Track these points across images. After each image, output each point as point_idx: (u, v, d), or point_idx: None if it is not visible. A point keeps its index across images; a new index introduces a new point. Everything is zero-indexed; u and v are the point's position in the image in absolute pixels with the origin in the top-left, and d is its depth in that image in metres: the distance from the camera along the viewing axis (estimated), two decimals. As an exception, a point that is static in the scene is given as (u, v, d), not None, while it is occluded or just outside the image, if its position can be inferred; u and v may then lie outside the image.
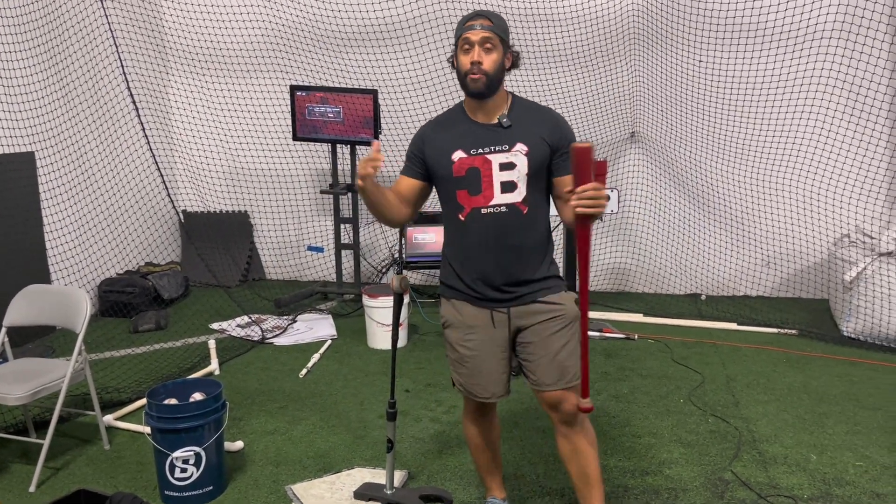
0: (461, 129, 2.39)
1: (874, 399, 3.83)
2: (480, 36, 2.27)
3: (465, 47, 2.29)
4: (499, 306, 2.39)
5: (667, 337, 4.84)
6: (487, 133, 2.35)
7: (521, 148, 2.32)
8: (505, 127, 2.34)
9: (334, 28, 5.84)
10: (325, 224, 6.30)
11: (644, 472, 3.10)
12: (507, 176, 2.32)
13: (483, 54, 2.27)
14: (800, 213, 5.60)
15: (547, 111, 2.43)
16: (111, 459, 3.24)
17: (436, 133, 2.44)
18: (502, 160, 2.33)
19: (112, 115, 5.54)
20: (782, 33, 5.29)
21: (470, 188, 2.35)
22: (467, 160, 2.34)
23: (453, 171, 2.36)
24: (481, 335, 2.42)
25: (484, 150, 2.34)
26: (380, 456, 3.24)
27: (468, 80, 2.30)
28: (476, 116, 2.39)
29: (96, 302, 5.41)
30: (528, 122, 2.36)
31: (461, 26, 2.33)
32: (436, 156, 2.40)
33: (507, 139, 2.33)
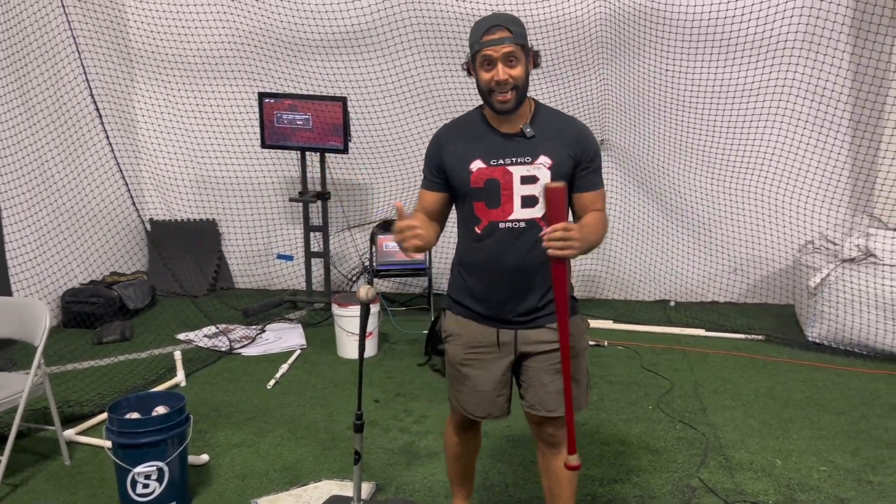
0: (480, 136, 2.25)
1: (838, 404, 3.89)
2: (503, 52, 2.11)
3: (486, 63, 2.13)
4: (506, 326, 2.29)
5: (636, 343, 4.87)
6: (509, 143, 2.21)
7: (544, 161, 2.19)
8: (528, 137, 2.20)
9: (303, 35, 5.81)
10: (295, 232, 6.24)
11: (613, 480, 3.11)
12: (528, 190, 2.19)
13: (508, 69, 2.12)
14: (766, 220, 5.68)
15: (572, 122, 2.30)
16: (71, 475, 3.17)
17: (453, 139, 2.28)
18: (524, 173, 2.19)
19: (74, 121, 5.44)
20: (747, 43, 5.37)
21: (488, 201, 2.21)
22: (486, 171, 2.20)
23: (471, 182, 2.21)
24: (484, 355, 2.32)
25: (505, 162, 2.20)
26: (348, 468, 3.21)
27: (495, 102, 2.15)
28: (497, 124, 2.24)
29: (59, 313, 5.30)
30: (552, 133, 2.22)
31: (478, 38, 2.15)
32: (452, 163, 2.25)
33: (530, 151, 2.20)
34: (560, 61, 5.65)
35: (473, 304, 2.31)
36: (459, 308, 2.36)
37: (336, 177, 6.01)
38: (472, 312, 2.32)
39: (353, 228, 6.16)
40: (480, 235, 2.24)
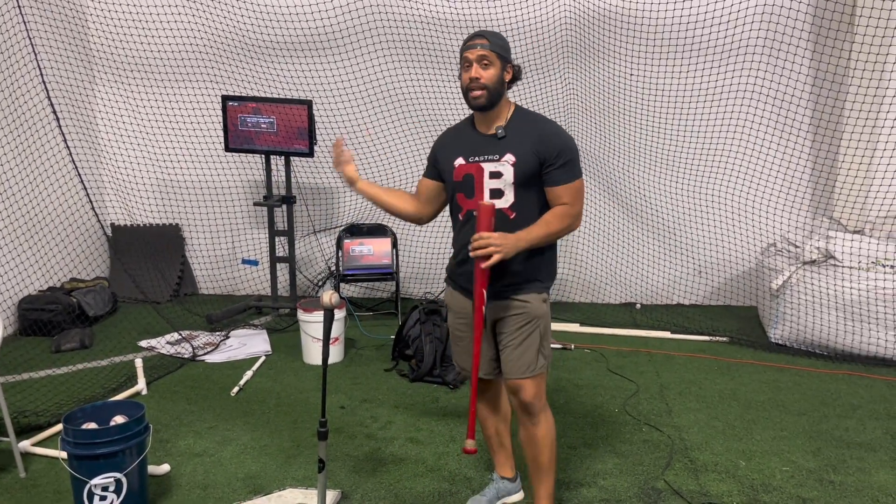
0: (465, 138, 2.64)
1: (799, 405, 3.94)
2: (477, 54, 2.48)
3: (466, 65, 2.52)
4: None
5: (603, 346, 4.89)
6: (484, 142, 2.58)
7: (508, 158, 2.52)
8: (499, 138, 2.55)
9: (267, 37, 5.74)
10: (260, 237, 6.17)
11: (579, 483, 3.10)
12: (494, 184, 2.54)
13: (480, 70, 2.48)
14: (729, 223, 5.75)
15: (540, 123, 2.59)
16: (26, 488, 3.07)
17: (447, 140, 2.71)
18: (492, 168, 2.54)
19: (31, 125, 5.30)
20: (709, 48, 5.44)
21: (466, 192, 2.59)
22: (465, 167, 2.58)
23: (454, 176, 2.61)
24: (467, 321, 2.69)
25: (478, 159, 2.57)
26: (312, 476, 3.16)
27: (470, 97, 2.52)
28: (479, 126, 2.62)
29: (15, 321, 5.16)
30: (521, 133, 2.54)
31: (462, 46, 2.55)
32: (443, 160, 2.66)
33: (499, 149, 2.54)
34: (524, 65, 5.66)
35: (457, 279, 2.71)
36: (450, 282, 2.77)
37: (301, 180, 5.95)
38: (457, 286, 2.72)
39: (319, 233, 6.11)
40: (462, 222, 2.64)
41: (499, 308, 2.60)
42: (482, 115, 2.57)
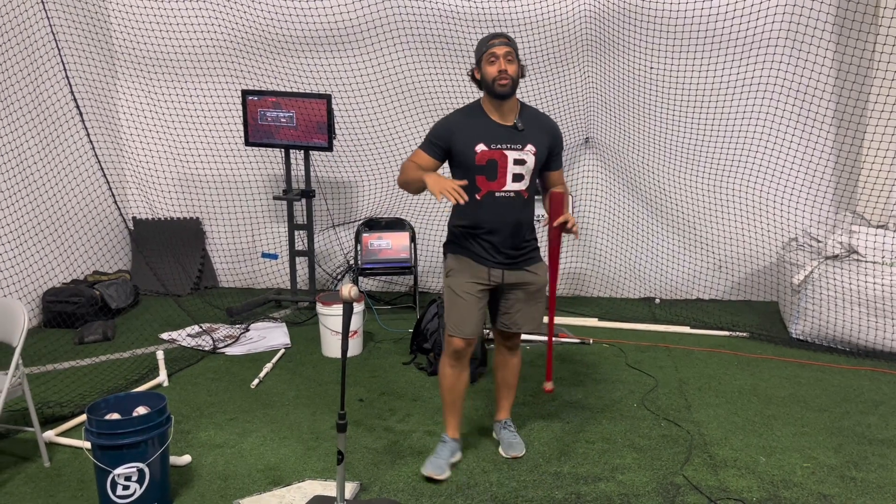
0: (482, 125, 2.97)
1: (821, 401, 3.91)
2: (504, 50, 2.89)
3: (492, 59, 2.89)
4: (496, 266, 3.05)
5: (621, 341, 4.87)
6: (505, 132, 2.97)
7: (531, 148, 2.98)
8: (519, 130, 2.97)
9: (287, 32, 5.77)
10: (279, 230, 6.20)
11: (597, 478, 3.10)
12: (518, 169, 2.97)
13: (507, 64, 2.88)
14: (750, 218, 5.70)
15: (548, 119, 3.12)
16: (51, 477, 3.13)
17: (463, 125, 2.98)
18: (516, 156, 2.96)
19: (55, 119, 5.37)
20: (731, 40, 5.39)
21: (488, 175, 2.96)
22: (488, 153, 2.94)
23: (476, 160, 2.94)
24: (477, 284, 3.05)
25: (502, 146, 2.95)
26: (331, 468, 3.18)
27: (497, 86, 2.89)
28: (494, 116, 2.98)
29: (40, 313, 5.24)
30: (535, 127, 3.01)
31: (485, 44, 2.93)
32: (461, 144, 2.95)
33: (521, 140, 2.97)
34: (544, 59, 5.65)
35: (474, 247, 3.05)
36: (462, 250, 3.09)
37: (321, 174, 5.97)
38: (471, 253, 3.06)
39: (338, 227, 6.13)
40: (480, 202, 2.99)
41: (513, 277, 3.08)
42: (498, 105, 2.95)
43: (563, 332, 4.96)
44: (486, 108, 3.00)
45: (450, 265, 3.12)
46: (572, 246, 6.06)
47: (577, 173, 5.93)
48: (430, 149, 3.00)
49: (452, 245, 3.13)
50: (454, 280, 3.08)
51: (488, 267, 3.05)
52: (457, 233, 3.10)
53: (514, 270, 3.07)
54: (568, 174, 5.87)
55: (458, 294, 3.06)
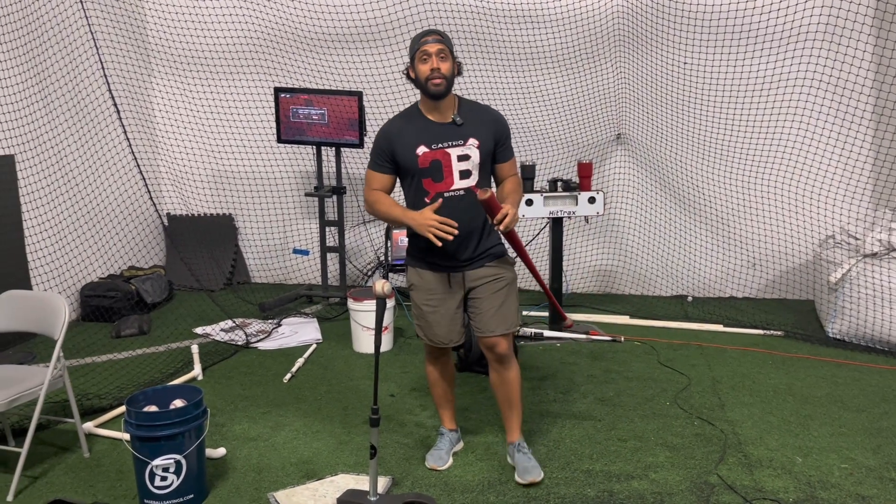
0: (421, 127, 2.88)
1: (859, 401, 3.84)
2: (437, 48, 2.80)
3: (424, 58, 2.80)
4: (455, 270, 2.95)
5: (653, 339, 4.83)
6: (444, 130, 2.87)
7: (473, 142, 2.87)
8: (458, 125, 2.87)
9: (319, 29, 5.81)
10: (311, 227, 6.26)
11: (629, 476, 3.08)
12: (463, 165, 2.86)
13: (440, 62, 2.79)
14: (785, 215, 5.61)
15: (488, 110, 3.00)
16: (90, 468, 3.19)
17: (399, 131, 2.89)
18: (459, 153, 2.86)
19: (93, 117, 5.48)
20: (767, 35, 5.30)
21: (434, 176, 2.86)
22: (430, 154, 2.85)
23: (419, 163, 2.85)
24: (439, 295, 2.98)
25: (443, 145, 2.85)
26: (363, 462, 3.21)
27: (430, 85, 2.79)
28: (432, 115, 2.89)
29: (78, 307, 5.35)
30: (476, 120, 2.90)
31: (417, 42, 2.83)
32: (402, 151, 2.87)
33: (462, 135, 2.86)
34: (576, 55, 5.61)
35: (428, 258, 2.94)
36: (417, 263, 3.00)
37: (351, 171, 6.01)
38: (427, 264, 2.97)
39: (369, 223, 6.16)
40: (430, 204, 2.84)
41: (475, 277, 2.95)
42: (434, 104, 2.85)
43: (594, 330, 4.93)
44: (423, 108, 2.91)
45: (410, 279, 3.05)
46: (603, 243, 6.03)
47: (609, 169, 5.89)
48: (379, 167, 2.94)
49: (410, 257, 3.04)
50: (416, 295, 3.03)
51: (447, 272, 2.95)
52: (414, 244, 3.00)
53: (475, 269, 2.95)
54: (599, 170, 5.83)
55: (422, 309, 3.03)
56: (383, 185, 2.96)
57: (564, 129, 5.77)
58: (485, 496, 2.94)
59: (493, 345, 3.00)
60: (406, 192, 2.99)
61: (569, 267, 5.86)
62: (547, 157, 5.82)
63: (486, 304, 2.95)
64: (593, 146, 5.82)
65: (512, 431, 3.15)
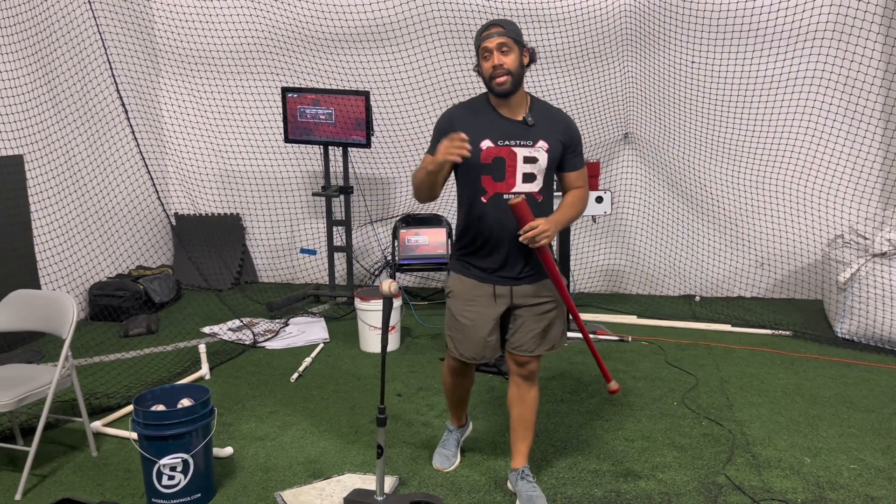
0: (488, 120, 2.66)
1: (868, 401, 3.81)
2: (496, 42, 2.56)
3: (485, 55, 2.60)
4: (503, 283, 2.73)
5: (661, 339, 4.82)
6: (514, 127, 2.65)
7: (542, 145, 2.65)
8: (529, 125, 2.65)
9: (326, 29, 5.81)
10: (318, 226, 6.27)
11: (637, 476, 3.07)
12: (528, 168, 2.64)
13: (502, 57, 2.56)
14: (793, 214, 5.59)
15: (562, 114, 2.77)
16: (98, 467, 3.20)
17: (464, 119, 2.67)
18: (526, 154, 2.63)
19: (101, 117, 5.50)
20: (775, 33, 5.28)
21: (494, 174, 2.64)
22: (494, 150, 2.63)
23: (481, 158, 2.62)
24: (479, 308, 2.76)
25: (510, 143, 2.64)
26: (370, 462, 3.21)
27: (494, 84, 2.59)
28: (502, 110, 2.67)
29: (86, 306, 5.37)
30: (547, 122, 2.68)
31: (478, 36, 2.62)
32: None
33: (531, 136, 2.64)
34: (583, 54, 5.60)
35: (475, 264, 2.75)
36: (461, 269, 2.80)
37: (359, 171, 6.02)
38: (472, 271, 2.76)
39: (376, 223, 6.17)
40: (486, 204, 2.65)
41: (523, 294, 2.74)
42: (505, 100, 2.64)
43: (602, 330, 4.92)
44: (493, 101, 2.68)
45: (450, 286, 2.83)
46: (611, 243, 6.01)
47: (616, 169, 5.87)
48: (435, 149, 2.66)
49: (456, 262, 2.83)
50: (454, 303, 2.81)
51: (493, 283, 2.72)
52: (461, 247, 2.80)
53: (524, 285, 2.73)
54: (606, 169, 5.82)
55: (458, 319, 2.80)
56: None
57: (571, 128, 5.75)
58: (492, 496, 2.93)
59: (525, 362, 2.83)
60: (461, 189, 2.75)
61: (576, 267, 5.85)
62: (554, 156, 5.80)
63: (530, 325, 2.76)
64: (601, 145, 5.81)
65: (519, 455, 2.92)
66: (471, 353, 2.82)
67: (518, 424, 2.92)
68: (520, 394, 2.88)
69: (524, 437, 2.92)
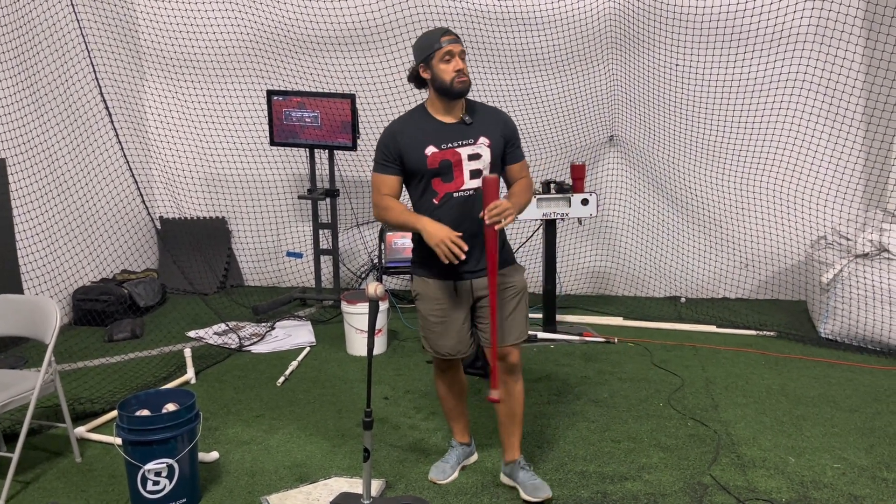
0: (429, 128, 2.79)
1: (851, 401, 3.85)
2: (459, 48, 2.73)
3: (447, 58, 2.71)
4: (462, 278, 2.83)
5: (647, 340, 4.84)
6: (454, 129, 2.78)
7: (483, 141, 2.79)
8: (468, 124, 2.79)
9: (311, 32, 5.80)
10: (304, 229, 6.25)
11: (623, 477, 3.09)
12: (474, 165, 2.78)
13: (462, 63, 2.73)
14: (777, 216, 5.63)
15: (497, 111, 2.92)
16: (82, 472, 3.18)
17: (405, 132, 2.80)
18: (469, 152, 2.77)
19: (84, 120, 5.46)
20: (758, 36, 5.33)
21: (443, 176, 2.77)
22: (439, 154, 2.75)
23: (427, 164, 2.75)
24: (445, 304, 2.87)
25: (453, 144, 2.77)
26: (357, 465, 3.20)
27: (455, 84, 2.71)
28: (440, 116, 2.80)
29: (70, 311, 5.32)
30: (485, 119, 2.83)
31: (436, 41, 2.73)
32: (409, 151, 2.76)
33: (472, 134, 2.78)
34: (568, 57, 5.63)
35: (435, 265, 2.79)
36: (423, 271, 2.89)
37: (345, 174, 6.01)
38: (432, 272, 2.85)
39: (363, 226, 6.16)
40: (438, 205, 2.78)
41: (483, 286, 2.83)
42: (446, 105, 2.77)
43: (588, 332, 4.94)
44: (430, 109, 2.81)
45: (415, 288, 2.93)
46: (597, 245, 6.04)
47: (602, 171, 5.90)
48: (385, 169, 2.80)
49: (416, 266, 2.91)
50: (421, 304, 2.91)
51: (454, 280, 2.83)
52: (419, 249, 2.86)
53: (482, 277, 2.82)
54: (592, 172, 5.84)
55: (428, 319, 2.91)
56: (392, 188, 2.82)
57: (557, 130, 5.78)
58: (479, 499, 2.94)
59: (504, 355, 2.87)
60: (412, 193, 2.87)
61: (562, 268, 5.87)
62: (540, 159, 5.82)
63: (504, 314, 2.84)
64: (586, 148, 5.83)
65: (512, 449, 3.01)
66: (446, 348, 2.92)
67: (507, 419, 2.99)
68: (505, 389, 2.94)
69: (514, 430, 3.00)
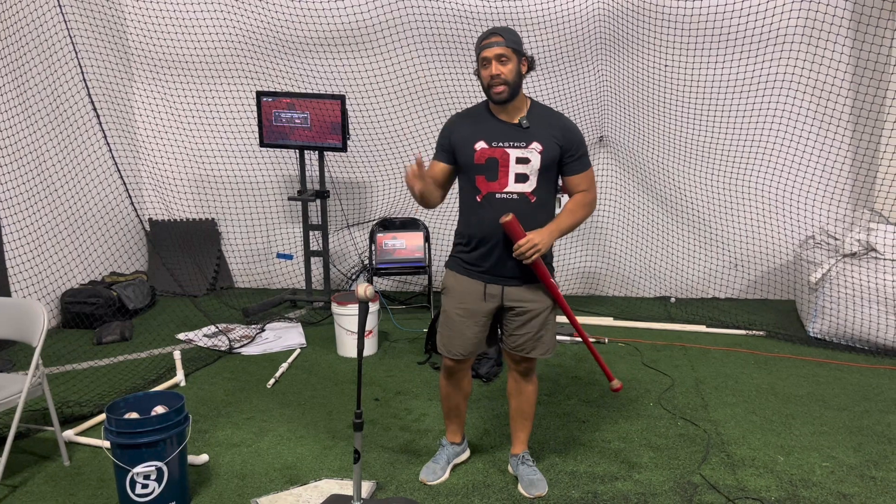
0: (485, 124, 2.79)
1: (840, 400, 3.87)
2: (495, 52, 2.67)
3: (484, 64, 2.70)
4: (494, 281, 2.81)
5: (637, 340, 4.85)
6: (508, 130, 2.76)
7: (536, 146, 2.73)
8: (524, 127, 2.75)
9: (301, 33, 5.79)
10: (294, 231, 6.23)
11: (614, 477, 3.09)
12: (521, 168, 2.73)
13: (500, 67, 2.66)
14: (766, 216, 5.66)
15: (560, 117, 2.84)
16: (71, 476, 3.16)
17: (462, 124, 2.83)
18: (519, 155, 2.73)
19: (73, 121, 5.42)
20: (746, 37, 5.35)
21: (488, 175, 2.75)
22: (488, 150, 2.75)
23: (475, 159, 2.75)
24: (470, 305, 2.85)
25: (503, 144, 2.74)
26: (348, 467, 3.19)
27: (492, 93, 2.70)
28: (499, 115, 2.79)
29: (58, 314, 5.29)
30: (544, 125, 2.77)
31: (478, 45, 2.73)
32: (460, 143, 2.79)
33: (525, 138, 2.74)
34: (557, 57, 5.63)
35: (469, 261, 2.83)
36: (456, 265, 2.89)
37: (335, 175, 5.99)
38: (466, 269, 2.85)
39: (353, 227, 6.15)
40: (480, 203, 2.77)
41: (514, 295, 2.82)
42: (503, 106, 2.74)
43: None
44: (490, 107, 2.81)
45: (445, 282, 2.93)
46: (587, 246, 6.05)
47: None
48: (438, 154, 2.87)
49: (452, 259, 2.93)
50: (447, 299, 2.91)
51: (485, 282, 2.82)
52: (457, 244, 2.91)
53: (515, 287, 2.82)
54: (582, 173, 5.84)
55: (450, 314, 2.90)
56: (435, 173, 2.84)
57: (547, 131, 5.78)
58: (469, 499, 2.94)
59: (520, 360, 2.95)
60: (461, 186, 2.87)
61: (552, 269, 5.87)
62: (530, 159, 5.82)
63: (525, 329, 2.86)
64: (576, 149, 5.84)
65: (519, 442, 3.09)
66: (458, 349, 2.92)
67: (517, 414, 3.08)
68: (518, 387, 3.04)
69: (523, 426, 3.09)
